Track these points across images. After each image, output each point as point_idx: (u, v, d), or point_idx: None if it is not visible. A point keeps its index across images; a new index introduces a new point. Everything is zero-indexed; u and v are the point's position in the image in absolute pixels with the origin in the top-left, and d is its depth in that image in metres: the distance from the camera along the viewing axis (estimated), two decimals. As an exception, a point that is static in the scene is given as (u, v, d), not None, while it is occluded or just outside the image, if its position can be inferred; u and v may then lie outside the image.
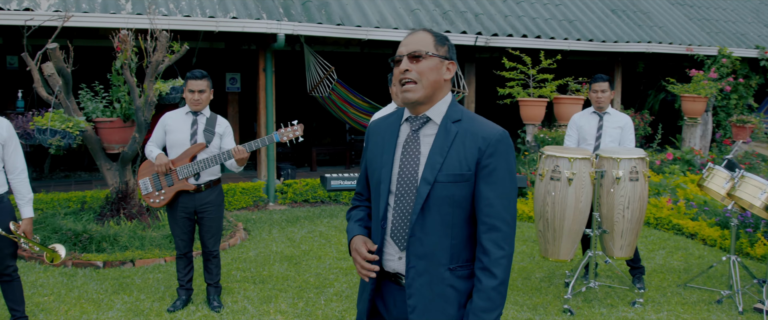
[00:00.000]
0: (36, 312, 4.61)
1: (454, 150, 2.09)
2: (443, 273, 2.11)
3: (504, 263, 2.07)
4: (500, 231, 2.07)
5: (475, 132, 2.10)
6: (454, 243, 2.11)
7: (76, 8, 7.25)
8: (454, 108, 2.17)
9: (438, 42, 2.14)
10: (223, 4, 8.17)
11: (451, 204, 2.08)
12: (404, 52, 2.12)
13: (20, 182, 4.01)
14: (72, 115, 6.33)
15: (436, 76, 2.11)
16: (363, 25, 8.63)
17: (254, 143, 4.49)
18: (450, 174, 2.07)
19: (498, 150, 2.09)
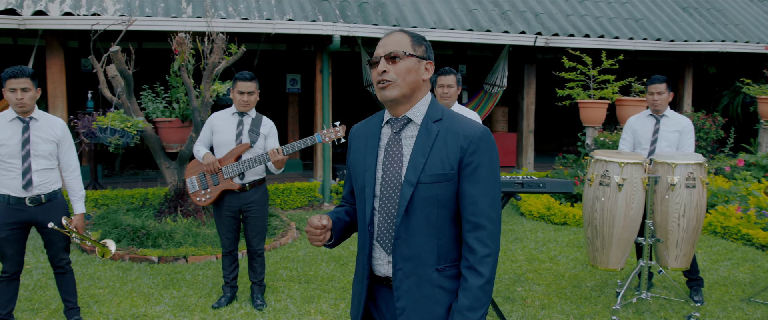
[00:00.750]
0: (90, 303, 4.81)
1: (435, 150, 2.06)
2: (431, 274, 2.08)
3: (490, 261, 2.04)
4: (485, 229, 2.04)
5: (457, 131, 2.07)
6: (441, 243, 2.09)
7: (139, 12, 7.54)
8: (435, 107, 2.14)
9: (415, 42, 2.12)
10: (280, 6, 8.31)
11: (436, 205, 2.06)
12: (381, 54, 2.10)
13: (73, 179, 4.20)
14: (132, 115, 6.58)
15: (414, 76, 2.09)
16: (419, 26, 8.58)
17: (296, 144, 4.52)
18: (433, 175, 2.05)
19: (480, 147, 2.05)
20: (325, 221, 2.13)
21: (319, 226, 2.12)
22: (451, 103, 4.80)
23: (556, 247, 6.49)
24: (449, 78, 4.77)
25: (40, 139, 3.99)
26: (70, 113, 7.84)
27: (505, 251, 6.34)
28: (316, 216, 2.13)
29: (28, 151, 3.94)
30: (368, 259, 2.18)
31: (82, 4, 7.43)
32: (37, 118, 4.01)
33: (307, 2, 8.55)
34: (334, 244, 2.26)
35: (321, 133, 4.55)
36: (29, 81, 3.90)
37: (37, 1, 7.24)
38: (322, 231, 2.14)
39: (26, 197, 3.95)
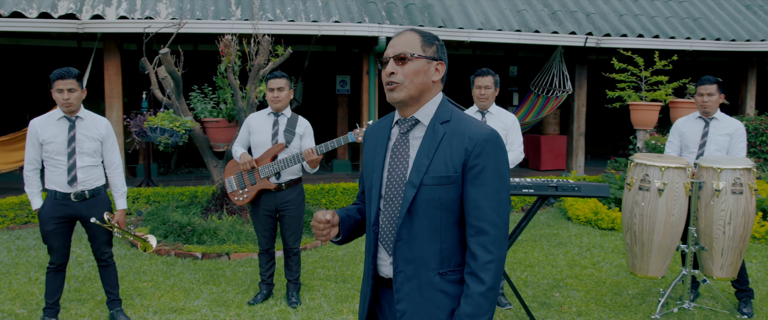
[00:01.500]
0: (133, 296, 4.99)
1: (440, 151, 2.03)
2: (433, 277, 2.05)
3: (492, 268, 1.98)
4: (488, 234, 1.98)
5: (462, 132, 2.03)
6: (444, 247, 2.05)
7: (190, 15, 7.77)
8: (444, 108, 2.10)
9: (425, 42, 2.08)
10: (327, 8, 8.40)
11: (438, 208, 2.03)
12: (390, 54, 2.08)
13: (116, 176, 4.36)
14: (180, 115, 6.79)
15: (422, 77, 2.06)
16: (466, 26, 8.52)
17: (329, 143, 4.57)
18: (436, 177, 2.01)
19: (485, 150, 2.00)
20: (330, 216, 2.13)
21: (323, 221, 2.11)
22: (488, 105, 4.75)
23: (600, 253, 6.32)
24: (486, 79, 4.72)
25: (85, 136, 4.16)
26: (126, 113, 8.16)
27: (546, 255, 6.22)
28: (321, 211, 2.13)
29: (73, 148, 4.12)
30: (373, 260, 2.17)
31: (137, 8, 7.72)
32: (82, 117, 4.19)
33: (354, 4, 8.62)
34: (342, 241, 2.26)
35: (354, 133, 4.58)
36: (75, 82, 4.08)
37: (95, 6, 7.57)
38: (326, 226, 2.13)
39: (71, 193, 4.13)
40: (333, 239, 2.22)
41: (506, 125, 4.74)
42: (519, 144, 4.76)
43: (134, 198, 7.94)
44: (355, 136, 4.57)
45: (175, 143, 6.60)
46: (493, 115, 4.76)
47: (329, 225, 2.14)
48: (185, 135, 6.64)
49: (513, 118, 4.81)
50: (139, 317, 4.54)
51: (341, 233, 2.23)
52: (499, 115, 4.77)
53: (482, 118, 4.74)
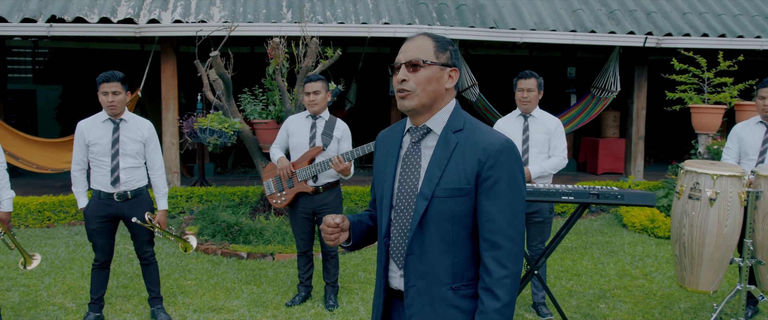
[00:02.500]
0: (176, 293, 5.10)
1: (453, 162, 1.94)
2: (445, 292, 1.97)
3: (507, 283, 1.89)
4: (502, 248, 1.90)
5: (476, 142, 1.94)
6: (457, 261, 1.96)
7: (242, 18, 7.90)
8: (457, 117, 2.01)
9: (439, 48, 1.99)
10: (377, 10, 8.39)
11: (451, 221, 1.94)
12: (402, 60, 1.99)
13: (158, 177, 4.47)
14: (230, 116, 6.91)
15: (435, 85, 1.98)
16: (518, 27, 8.33)
17: (358, 150, 4.53)
18: (448, 189, 1.93)
19: (499, 161, 1.91)
20: (339, 220, 2.08)
21: (332, 224, 2.07)
22: (531, 108, 4.61)
23: (653, 263, 6.04)
24: (529, 81, 4.58)
25: (128, 138, 4.28)
26: (183, 114, 8.39)
27: (595, 264, 6.00)
28: (330, 215, 2.09)
29: (117, 150, 4.24)
30: (384, 272, 2.11)
31: (191, 12, 7.92)
32: (126, 120, 4.31)
33: (404, 5, 8.57)
34: (352, 247, 2.20)
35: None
36: (119, 85, 4.20)
37: (152, 10, 7.81)
38: (334, 229, 2.08)
39: (114, 193, 4.25)
40: (343, 244, 2.18)
41: (549, 129, 4.59)
42: (562, 149, 4.60)
43: (188, 197, 8.15)
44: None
45: (223, 144, 6.72)
46: (536, 118, 4.62)
47: (338, 230, 2.09)
48: (233, 136, 6.76)
49: (557, 122, 4.65)
50: (179, 315, 4.63)
51: (352, 238, 2.18)
52: (542, 119, 4.62)
53: (525, 121, 4.61)
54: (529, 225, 4.63)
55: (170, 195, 8.04)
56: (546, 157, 4.59)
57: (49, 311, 4.66)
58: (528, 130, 4.60)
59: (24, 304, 4.80)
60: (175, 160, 8.41)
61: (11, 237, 4.11)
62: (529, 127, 4.60)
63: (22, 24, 7.35)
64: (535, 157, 4.57)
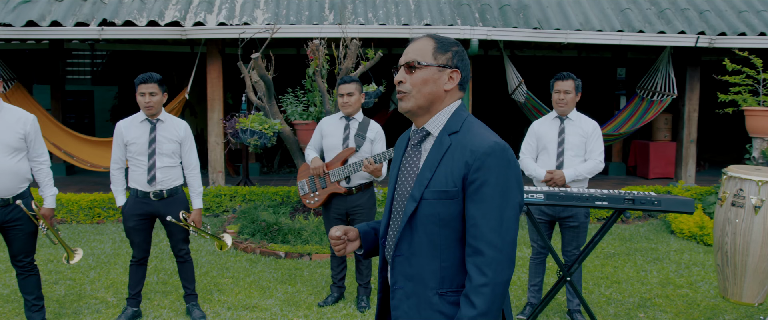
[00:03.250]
0: (213, 290, 5.20)
1: (443, 164, 1.92)
2: (432, 297, 1.94)
3: (486, 292, 1.83)
4: (484, 255, 1.84)
5: (465, 144, 1.90)
6: (444, 265, 1.93)
7: (285, 21, 8.01)
8: (455, 119, 1.98)
9: (438, 49, 1.97)
10: (419, 11, 8.36)
11: (438, 224, 1.91)
12: (401, 61, 2.00)
13: (193, 177, 4.56)
14: (270, 117, 7.00)
15: (432, 87, 1.96)
16: (563, 27, 8.15)
17: (389, 151, 4.51)
18: (436, 191, 1.90)
19: (485, 164, 1.85)
20: (340, 233, 2.09)
21: (334, 237, 2.10)
22: (567, 110, 4.49)
23: (699, 272, 5.81)
24: (566, 83, 4.48)
25: (164, 138, 4.39)
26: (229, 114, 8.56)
27: (637, 271, 5.81)
28: (333, 228, 2.12)
29: (153, 149, 4.35)
30: (382, 272, 2.13)
31: (236, 15, 8.07)
32: (163, 120, 4.42)
33: (447, 6, 8.52)
34: (365, 255, 2.22)
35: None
36: (156, 86, 4.31)
37: (198, 14, 8.00)
38: (337, 241, 2.10)
39: (151, 191, 4.37)
40: (356, 252, 2.20)
41: (585, 132, 4.48)
42: (599, 153, 4.47)
43: (231, 197, 8.30)
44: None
45: (263, 144, 6.81)
46: (572, 121, 4.50)
47: (342, 241, 2.12)
48: (273, 137, 6.84)
49: (593, 125, 4.53)
50: (213, 312, 4.72)
51: (363, 246, 2.19)
52: (579, 122, 4.51)
53: (561, 124, 4.50)
54: (563, 230, 4.53)
55: (214, 194, 8.22)
56: (582, 161, 4.48)
57: (91, 304, 4.83)
58: (564, 132, 4.50)
59: (68, 297, 4.98)
60: (219, 160, 8.58)
61: (55, 232, 4.27)
62: (566, 130, 4.50)
63: (75, 27, 7.64)
64: (570, 161, 4.46)
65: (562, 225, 4.52)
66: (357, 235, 2.16)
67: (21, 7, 7.86)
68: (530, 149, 4.66)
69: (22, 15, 7.72)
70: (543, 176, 4.46)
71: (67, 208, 7.71)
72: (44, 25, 7.66)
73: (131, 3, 8.11)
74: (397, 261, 1.99)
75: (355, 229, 2.17)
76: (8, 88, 8.49)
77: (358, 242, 2.17)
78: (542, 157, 4.59)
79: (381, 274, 2.13)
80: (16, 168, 4.02)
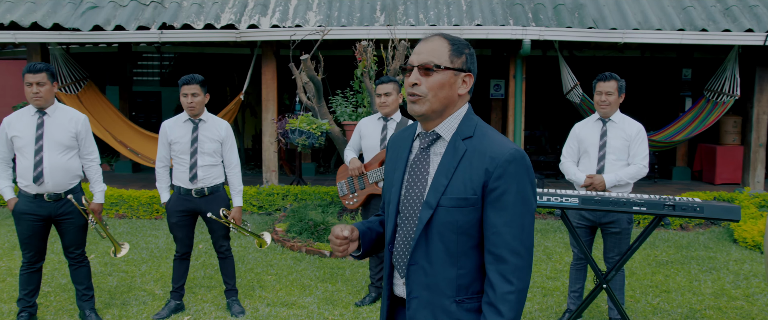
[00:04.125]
0: (255, 287, 5.32)
1: (460, 171, 1.87)
2: (449, 305, 1.90)
3: (512, 299, 1.80)
4: (507, 263, 1.81)
5: (484, 151, 1.85)
6: (461, 273, 1.89)
7: (336, 22, 8.11)
8: (467, 123, 1.93)
9: (454, 51, 1.91)
10: (470, 11, 8.29)
11: (455, 231, 1.87)
12: (415, 62, 1.92)
13: (234, 175, 4.68)
14: (319, 118, 7.11)
15: (447, 91, 1.90)
16: (619, 27, 7.90)
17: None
18: (454, 198, 1.86)
19: (507, 171, 1.82)
20: (347, 233, 2.03)
21: (340, 237, 2.02)
22: (610, 112, 4.34)
23: (759, 284, 5.50)
24: (609, 84, 4.32)
25: (206, 138, 4.53)
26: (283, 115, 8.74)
27: (690, 281, 5.56)
28: (339, 226, 2.06)
29: (195, 148, 4.50)
30: (389, 279, 2.07)
31: (289, 17, 8.24)
32: (205, 120, 4.56)
33: (499, 6, 8.40)
34: (362, 255, 2.16)
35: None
36: (198, 87, 4.45)
37: (252, 16, 8.21)
38: (343, 242, 2.03)
39: (192, 189, 4.51)
40: (353, 253, 2.13)
41: (629, 135, 4.31)
42: (642, 157, 4.30)
43: (283, 195, 8.47)
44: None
45: (311, 145, 6.92)
46: (615, 123, 4.35)
47: (346, 241, 2.05)
48: (321, 137, 6.94)
49: (638, 127, 4.36)
50: (253, 307, 4.83)
51: (361, 247, 2.14)
52: (622, 124, 4.35)
53: (603, 126, 4.37)
54: (605, 235, 4.39)
55: (267, 192, 8.41)
56: (624, 165, 4.32)
57: (139, 296, 5.03)
58: (606, 135, 4.35)
59: (119, 288, 5.21)
60: (273, 159, 8.77)
61: (103, 226, 4.49)
62: (608, 132, 4.35)
63: (137, 31, 7.99)
64: (611, 165, 4.31)
65: (604, 231, 4.38)
66: (358, 236, 2.11)
67: (89, 13, 8.29)
68: (571, 152, 4.54)
69: (90, 20, 8.14)
70: (583, 181, 4.33)
71: (127, 204, 8.07)
72: (109, 29, 8.05)
73: (190, 7, 8.41)
74: (412, 270, 1.95)
75: (356, 229, 2.11)
76: (81, 87, 8.96)
77: (357, 243, 2.11)
78: (583, 160, 4.46)
79: (388, 281, 2.07)
80: (67, 165, 4.24)
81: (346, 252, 2.09)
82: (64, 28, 8.03)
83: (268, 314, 4.70)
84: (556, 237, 7.18)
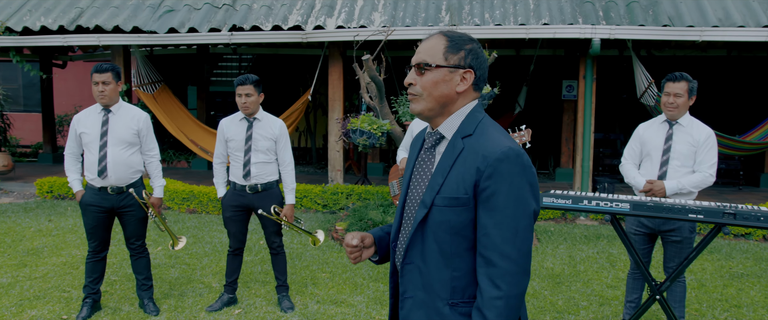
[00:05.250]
0: (308, 284, 5.41)
1: (455, 170, 1.82)
2: (442, 307, 1.85)
3: (499, 305, 1.74)
4: (497, 267, 1.75)
5: (477, 149, 1.80)
6: (456, 275, 1.84)
7: (401, 23, 8.11)
8: (470, 121, 1.88)
9: (450, 49, 1.87)
10: (538, 10, 8.08)
11: (449, 232, 1.82)
12: (413, 62, 1.91)
13: (287, 173, 4.77)
14: (380, 118, 7.13)
15: (443, 89, 1.87)
16: (697, 24, 7.48)
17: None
18: (447, 198, 1.81)
19: (498, 170, 1.75)
20: (357, 241, 2.03)
21: (351, 245, 2.03)
22: (678, 115, 4.07)
23: (844, 301, 5.06)
24: (679, 85, 4.05)
25: (260, 136, 4.64)
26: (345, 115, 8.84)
27: (766, 296, 5.18)
28: (350, 234, 2.06)
29: (249, 146, 4.62)
30: (393, 277, 2.07)
31: (354, 18, 8.32)
32: (259, 119, 4.67)
33: (567, 5, 8.15)
34: (380, 261, 2.17)
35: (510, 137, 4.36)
36: (252, 87, 4.56)
37: (318, 18, 8.35)
38: (354, 249, 2.04)
39: (246, 185, 4.64)
40: (371, 258, 2.14)
41: (696, 141, 4.04)
42: (710, 165, 4.01)
43: (347, 195, 8.56)
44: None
45: (372, 145, 6.96)
46: (683, 127, 4.09)
47: (357, 249, 2.05)
48: (382, 137, 6.96)
49: (707, 132, 4.07)
50: (302, 304, 4.91)
51: (378, 252, 2.14)
52: (690, 128, 4.08)
53: (669, 129, 4.11)
54: (666, 244, 4.16)
55: (331, 191, 8.52)
56: (688, 172, 4.06)
57: (196, 288, 5.22)
58: (671, 139, 4.10)
59: (179, 280, 5.43)
60: (338, 159, 8.88)
61: (162, 220, 4.68)
62: (673, 136, 4.10)
63: (209, 33, 8.30)
64: (674, 171, 4.07)
65: (664, 240, 4.15)
66: (372, 242, 2.11)
67: (165, 16, 8.69)
68: (633, 154, 4.32)
69: (166, 23, 8.53)
70: (642, 185, 4.12)
71: (198, 199, 8.39)
72: (183, 31, 8.40)
73: (259, 9, 8.65)
74: (407, 270, 1.93)
75: (370, 235, 2.13)
76: (157, 88, 9.41)
77: (373, 248, 2.12)
78: (645, 164, 4.24)
79: (392, 279, 2.07)
80: (129, 161, 4.46)
81: (359, 259, 2.09)
82: (143, 30, 8.45)
83: (316, 311, 4.76)
84: (622, 245, 6.87)
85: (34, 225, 7.45)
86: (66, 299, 4.91)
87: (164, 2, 9.05)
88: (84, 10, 9.09)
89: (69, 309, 4.69)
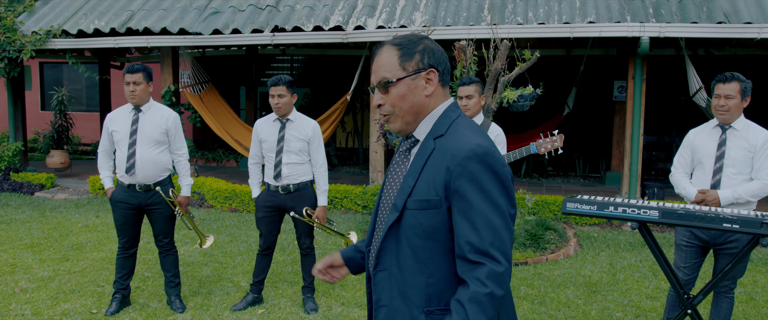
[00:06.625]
0: (336, 285, 5.37)
1: (426, 171, 1.74)
2: (418, 315, 1.76)
3: (484, 301, 1.66)
4: (480, 267, 1.67)
5: (447, 148, 1.71)
6: (431, 282, 1.75)
7: (442, 22, 8.00)
8: (443, 121, 1.80)
9: (403, 56, 1.79)
10: (583, 8, 7.82)
11: (421, 236, 1.74)
12: (373, 82, 1.84)
13: (320, 175, 4.74)
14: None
15: (412, 99, 1.80)
16: (757, 21, 7.07)
17: (512, 154, 4.27)
18: (418, 200, 1.73)
19: (467, 169, 1.66)
20: (321, 266, 2.10)
21: (314, 271, 2.13)
22: (730, 118, 3.74)
23: None
24: (730, 86, 3.73)
25: (292, 137, 4.63)
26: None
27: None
28: (315, 265, 2.12)
29: (281, 147, 4.62)
30: (369, 283, 1.99)
31: (395, 18, 8.25)
32: (292, 120, 4.66)
33: (615, 2, 7.85)
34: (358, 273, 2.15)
35: (536, 143, 4.21)
36: (285, 88, 4.55)
37: (359, 18, 8.33)
38: (322, 273, 2.11)
39: (278, 185, 4.64)
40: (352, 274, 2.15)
41: (753, 146, 3.69)
42: None
43: (387, 196, 8.51)
44: (538, 147, 4.20)
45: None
46: (737, 131, 3.75)
47: (324, 271, 2.11)
48: (417, 138, 6.87)
49: (765, 136, 3.71)
50: (326, 306, 4.87)
51: (351, 271, 2.12)
52: (746, 132, 3.74)
53: (722, 134, 3.79)
54: (718, 255, 3.82)
55: (371, 192, 8.48)
56: (745, 180, 3.71)
57: (225, 286, 5.27)
58: (724, 145, 3.76)
59: (209, 278, 5.49)
60: (379, 160, 8.84)
61: (189, 218, 4.74)
62: (727, 142, 3.75)
63: (251, 34, 8.41)
64: (729, 179, 3.71)
65: (719, 252, 3.81)
66: (342, 263, 2.10)
67: (211, 18, 8.86)
68: (684, 163, 3.98)
69: (211, 24, 8.69)
70: (693, 196, 3.79)
71: (240, 198, 8.51)
72: (227, 32, 8.54)
73: (301, 10, 8.70)
74: (380, 277, 1.86)
75: (339, 257, 2.11)
76: (203, 88, 9.60)
77: (345, 269, 2.11)
78: (697, 172, 3.89)
79: (368, 285, 1.99)
80: (157, 159, 4.53)
81: (334, 280, 2.13)
82: (188, 32, 8.63)
83: (339, 313, 4.72)
84: (669, 253, 6.56)
85: (83, 220, 7.71)
86: (99, 294, 5.03)
87: (210, 4, 9.23)
88: (135, 12, 9.37)
89: (100, 304, 4.81)
